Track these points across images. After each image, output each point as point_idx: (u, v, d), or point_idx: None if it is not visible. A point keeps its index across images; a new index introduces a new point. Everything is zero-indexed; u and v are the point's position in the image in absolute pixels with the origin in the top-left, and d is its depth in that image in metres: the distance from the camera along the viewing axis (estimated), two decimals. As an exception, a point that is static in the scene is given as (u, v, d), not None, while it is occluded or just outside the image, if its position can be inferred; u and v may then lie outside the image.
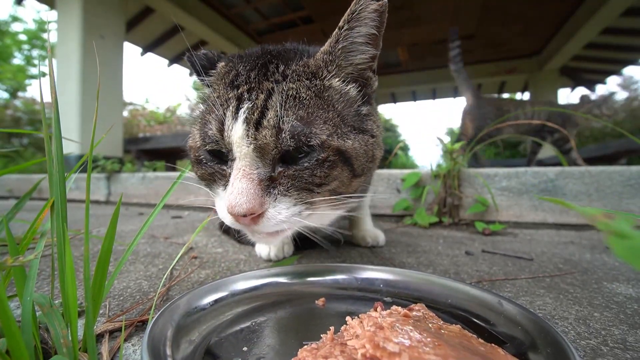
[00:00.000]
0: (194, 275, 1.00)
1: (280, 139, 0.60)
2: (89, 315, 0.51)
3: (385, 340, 0.42)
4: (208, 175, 0.71)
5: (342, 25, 0.68)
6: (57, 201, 0.58)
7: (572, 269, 1.08)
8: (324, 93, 0.69)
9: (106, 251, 0.56)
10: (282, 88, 0.64)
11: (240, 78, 0.68)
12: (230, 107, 0.64)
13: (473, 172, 2.10)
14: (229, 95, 0.66)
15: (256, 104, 0.63)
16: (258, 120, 0.62)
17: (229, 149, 0.64)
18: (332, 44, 0.71)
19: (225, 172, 0.67)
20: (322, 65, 0.71)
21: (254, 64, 0.71)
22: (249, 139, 0.61)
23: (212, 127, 0.65)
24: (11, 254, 0.55)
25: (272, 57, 0.72)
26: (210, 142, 0.65)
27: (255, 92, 0.65)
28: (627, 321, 0.69)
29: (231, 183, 0.61)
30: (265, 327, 0.63)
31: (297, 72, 0.69)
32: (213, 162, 0.69)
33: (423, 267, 1.08)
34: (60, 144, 0.62)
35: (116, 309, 0.76)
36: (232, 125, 0.62)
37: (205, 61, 0.75)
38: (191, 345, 0.54)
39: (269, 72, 0.68)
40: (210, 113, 0.67)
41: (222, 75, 0.74)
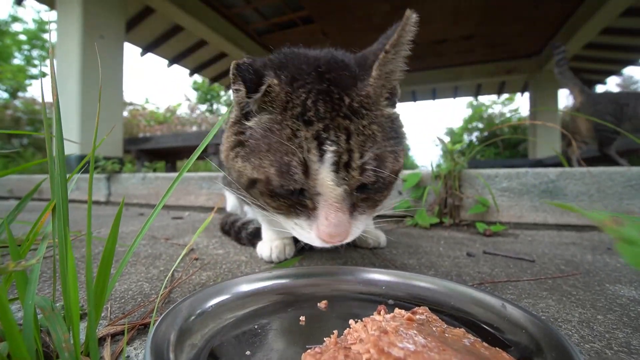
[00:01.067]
0: (195, 277, 0.99)
1: (364, 177, 0.66)
2: (91, 319, 0.51)
3: (390, 345, 0.42)
4: (286, 208, 0.72)
5: (389, 50, 0.68)
6: (59, 204, 0.58)
7: (574, 270, 1.08)
8: (383, 122, 0.72)
9: (108, 254, 0.56)
10: (358, 127, 0.67)
11: (310, 111, 0.66)
12: (312, 149, 0.64)
13: (474, 173, 2.09)
14: (305, 133, 0.65)
15: (340, 146, 0.64)
16: (347, 163, 0.65)
17: (312, 186, 0.66)
18: (380, 68, 0.70)
19: (306, 204, 0.70)
20: (378, 92, 0.72)
21: (316, 92, 0.68)
22: (340, 181, 0.65)
23: (296, 171, 0.64)
24: (13, 258, 0.54)
25: (329, 82, 0.70)
26: (295, 184, 0.66)
27: (333, 132, 0.65)
28: (631, 324, 0.68)
29: (324, 216, 0.67)
30: (268, 330, 0.63)
31: (363, 106, 0.69)
32: (292, 195, 0.69)
33: (425, 269, 1.08)
34: (62, 147, 0.61)
35: (117, 311, 0.75)
36: (318, 169, 0.65)
37: (253, 75, 0.69)
38: (194, 350, 0.54)
39: (336, 104, 0.67)
40: (286, 153, 0.65)
41: (282, 102, 0.68)
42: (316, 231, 0.68)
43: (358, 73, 0.73)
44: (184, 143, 5.60)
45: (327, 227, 0.66)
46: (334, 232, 0.66)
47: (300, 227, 0.73)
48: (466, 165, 2.14)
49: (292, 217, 0.73)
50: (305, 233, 0.72)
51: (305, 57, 0.78)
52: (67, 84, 4.54)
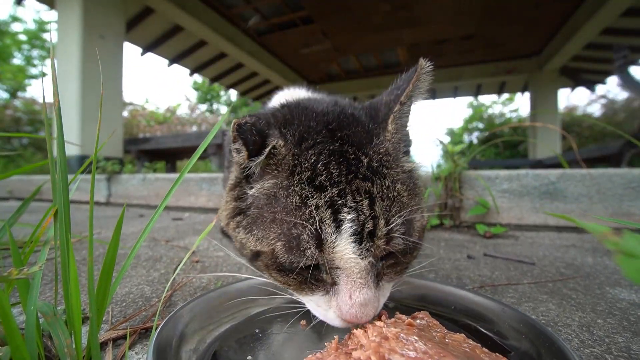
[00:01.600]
0: (196, 280, 0.99)
1: (391, 245, 0.57)
2: (93, 324, 0.51)
3: (391, 352, 0.42)
4: (297, 284, 0.60)
5: (405, 101, 0.64)
6: (61, 209, 0.58)
7: (574, 273, 1.08)
8: (406, 179, 0.65)
9: (110, 259, 0.56)
10: (381, 189, 0.59)
11: (322, 175, 0.58)
12: (325, 219, 0.55)
13: (474, 174, 2.10)
14: (317, 200, 0.56)
15: (361, 213, 0.55)
16: (371, 232, 0.55)
17: (330, 261, 0.56)
18: (397, 122, 0.66)
19: (322, 278, 0.59)
20: (397, 148, 0.66)
21: (327, 152, 0.60)
22: (363, 252, 0.55)
23: (307, 245, 0.54)
24: (15, 265, 0.54)
25: (342, 141, 0.62)
26: (307, 260, 0.55)
27: (351, 197, 0.56)
28: (631, 328, 0.69)
29: (347, 294, 0.56)
30: (269, 334, 0.63)
31: (384, 165, 0.62)
32: (304, 271, 0.58)
33: (425, 272, 1.08)
34: (63, 151, 0.61)
35: (119, 315, 0.76)
36: (335, 240, 0.54)
37: (256, 136, 0.59)
38: (196, 354, 0.54)
39: (352, 165, 0.59)
40: (294, 225, 0.56)
41: (289, 166, 0.60)
42: (337, 311, 0.57)
43: (372, 127, 0.66)
44: (184, 143, 5.61)
45: (352, 308, 0.55)
46: (360, 314, 0.55)
47: (317, 304, 0.61)
48: (466, 167, 2.14)
49: (304, 293, 0.61)
50: (322, 310, 0.60)
51: (312, 111, 0.69)
52: (67, 84, 4.54)
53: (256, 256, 0.63)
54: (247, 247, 0.64)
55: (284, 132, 0.63)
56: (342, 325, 0.58)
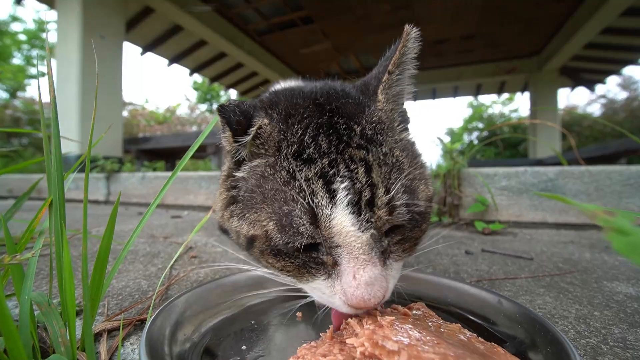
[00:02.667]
0: (193, 274, 0.99)
1: (394, 216, 0.53)
2: (87, 314, 0.51)
3: (384, 339, 0.42)
4: (295, 269, 0.56)
5: (393, 70, 0.62)
6: (56, 199, 0.58)
7: (572, 268, 1.08)
8: (406, 147, 0.62)
9: (105, 249, 0.56)
10: (378, 156, 0.55)
11: (310, 147, 0.55)
12: (317, 191, 0.51)
13: (473, 172, 2.10)
14: (305, 173, 0.53)
15: (356, 180, 0.52)
16: (370, 201, 0.51)
17: (327, 238, 0.52)
18: (387, 91, 0.64)
19: (321, 260, 0.54)
20: (390, 117, 0.64)
21: (315, 125, 0.58)
22: (364, 224, 0.51)
23: (300, 222, 0.51)
24: (9, 252, 0.54)
25: (332, 113, 0.60)
26: (302, 238, 0.51)
27: (344, 165, 0.53)
28: (627, 320, 0.69)
29: (350, 274, 0.51)
30: (265, 325, 0.63)
31: (378, 132, 0.59)
32: (298, 251, 0.54)
33: (422, 266, 1.08)
34: (59, 142, 0.61)
35: (115, 308, 0.75)
36: (331, 213, 0.50)
37: (240, 116, 0.57)
38: (190, 344, 0.54)
39: (343, 134, 0.57)
40: (284, 201, 0.53)
41: (274, 142, 0.58)
42: (342, 296, 0.51)
43: (362, 100, 0.64)
44: (184, 143, 5.61)
45: (358, 289, 0.50)
46: (367, 295, 0.49)
47: (321, 291, 0.56)
48: (466, 165, 2.14)
49: (305, 279, 0.56)
50: (327, 297, 0.55)
51: (300, 91, 0.67)
52: (66, 83, 4.54)
53: (251, 242, 0.60)
54: (241, 235, 0.61)
55: (270, 113, 0.61)
56: (350, 311, 0.53)
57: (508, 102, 17.98)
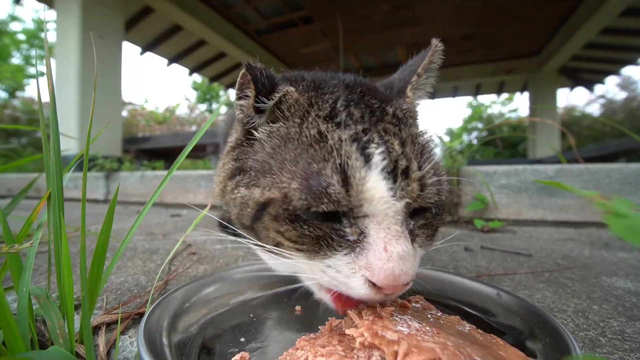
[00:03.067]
0: (192, 270, 0.99)
1: (425, 193, 0.50)
2: (85, 306, 0.51)
3: (384, 329, 0.42)
4: (312, 241, 0.50)
5: (422, 73, 0.65)
6: (54, 192, 0.58)
7: (571, 264, 1.08)
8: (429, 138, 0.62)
9: (103, 241, 0.56)
10: (411, 135, 0.54)
11: (341, 114, 0.53)
12: (351, 153, 0.48)
13: (472, 170, 2.10)
14: (339, 134, 0.49)
15: (393, 149, 0.49)
16: (405, 170, 0.49)
17: (354, 206, 0.47)
18: (414, 91, 0.66)
19: (344, 234, 0.49)
20: (416, 116, 0.65)
21: (346, 98, 0.56)
22: (399, 192, 0.47)
23: (331, 181, 0.46)
24: (7, 243, 0.54)
25: (362, 92, 0.60)
26: (329, 202, 0.46)
27: (378, 135, 0.51)
28: (626, 313, 0.69)
29: (380, 245, 0.46)
30: (264, 319, 0.63)
31: (407, 117, 0.59)
32: (319, 219, 0.49)
33: (421, 262, 1.08)
34: (57, 137, 0.61)
35: (114, 302, 0.75)
36: (365, 175, 0.47)
37: (265, 78, 0.55)
38: (188, 336, 0.54)
39: (375, 110, 0.56)
40: (312, 159, 0.49)
41: (302, 107, 0.55)
42: (368, 271, 0.46)
43: (389, 93, 0.65)
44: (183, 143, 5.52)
45: (389, 262, 0.44)
46: (398, 270, 0.44)
47: (336, 270, 0.49)
48: (465, 163, 2.14)
49: (320, 256, 0.50)
50: (343, 278, 0.48)
51: (325, 74, 0.68)
52: (66, 83, 4.54)
53: (262, 210, 0.53)
54: (249, 203, 0.55)
55: (295, 85, 0.59)
56: (369, 295, 0.47)
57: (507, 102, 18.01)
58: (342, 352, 0.43)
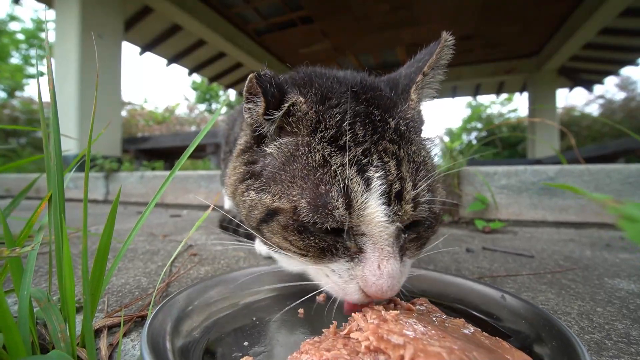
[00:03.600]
0: (194, 271, 0.99)
1: (418, 211, 0.54)
2: (87, 308, 0.50)
3: (389, 333, 0.42)
4: (317, 250, 0.55)
5: (428, 72, 0.63)
6: (55, 193, 0.58)
7: (573, 265, 1.07)
8: (430, 148, 0.65)
9: (105, 243, 0.55)
10: (408, 153, 0.57)
11: (347, 134, 0.55)
12: (353, 177, 0.52)
13: (473, 170, 2.09)
14: (341, 159, 0.53)
15: (390, 173, 0.53)
16: (399, 193, 0.53)
17: (354, 225, 0.53)
18: (419, 92, 0.65)
19: (345, 246, 0.55)
20: (418, 117, 0.65)
21: (353, 113, 0.58)
22: (392, 216, 0.52)
23: (336, 204, 0.51)
24: (8, 246, 0.54)
25: (368, 103, 0.61)
26: (333, 221, 0.52)
27: (377, 157, 0.54)
28: (630, 316, 0.68)
29: (375, 263, 0.52)
30: (267, 322, 0.62)
31: (410, 130, 0.60)
32: (323, 233, 0.54)
33: (423, 264, 1.07)
34: (58, 137, 0.61)
35: (115, 305, 0.75)
36: (365, 200, 0.51)
37: (275, 88, 0.56)
38: (191, 340, 0.53)
39: (378, 125, 0.57)
40: (320, 181, 0.53)
41: (311, 122, 0.57)
42: (362, 282, 0.52)
43: (394, 95, 0.65)
44: (183, 143, 5.59)
45: (380, 279, 0.51)
46: (386, 287, 0.51)
47: (338, 274, 0.55)
48: (465, 163, 2.14)
49: (325, 261, 0.56)
50: (342, 283, 0.55)
51: (332, 75, 0.68)
52: (65, 83, 4.52)
53: (272, 215, 0.58)
54: (257, 207, 0.59)
55: (304, 92, 0.60)
56: (361, 299, 0.54)
57: (507, 102, 18.03)
58: (347, 356, 0.42)
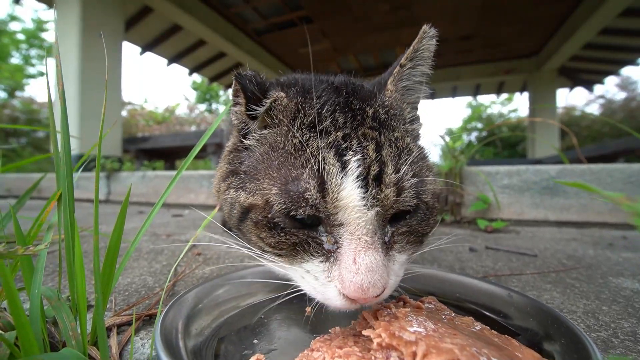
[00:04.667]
0: (199, 271, 0.99)
1: (402, 198, 0.51)
2: (98, 305, 0.51)
3: (401, 330, 0.42)
4: (290, 247, 0.52)
5: (405, 63, 0.63)
6: (65, 192, 0.58)
7: (576, 264, 1.08)
8: (415, 137, 0.64)
9: (116, 241, 0.56)
10: (389, 139, 0.55)
11: (325, 121, 0.54)
12: (329, 159, 0.49)
13: (474, 170, 2.10)
14: (318, 142, 0.51)
15: (368, 156, 0.51)
16: (378, 176, 0.50)
17: (331, 213, 0.49)
18: (396, 83, 0.65)
19: (320, 241, 0.51)
20: (400, 106, 0.64)
21: (333, 102, 0.57)
22: (370, 200, 0.48)
23: (307, 187, 0.48)
24: (19, 244, 0.54)
25: (347, 94, 0.61)
26: (306, 206, 0.48)
27: (357, 141, 0.52)
28: (636, 314, 0.69)
29: (350, 257, 0.47)
30: (275, 320, 0.63)
31: (390, 117, 0.59)
32: (296, 228, 0.51)
33: (427, 263, 1.08)
34: (67, 135, 0.61)
35: (122, 303, 0.75)
36: (340, 182, 0.48)
37: (256, 85, 0.56)
38: (202, 338, 0.54)
39: (357, 113, 0.57)
40: (292, 166, 0.51)
41: (290, 112, 0.57)
42: (339, 283, 0.48)
43: (375, 90, 0.66)
44: (183, 142, 5.60)
45: (357, 275, 0.46)
46: (366, 283, 0.45)
47: (314, 276, 0.52)
48: (465, 163, 2.14)
49: (298, 260, 0.52)
50: (320, 286, 0.51)
51: (316, 77, 0.68)
52: (65, 83, 4.48)
53: (245, 213, 0.57)
54: (236, 205, 0.58)
55: (287, 90, 0.60)
56: (345, 305, 0.49)
57: (507, 102, 18.05)
58: (360, 353, 0.42)
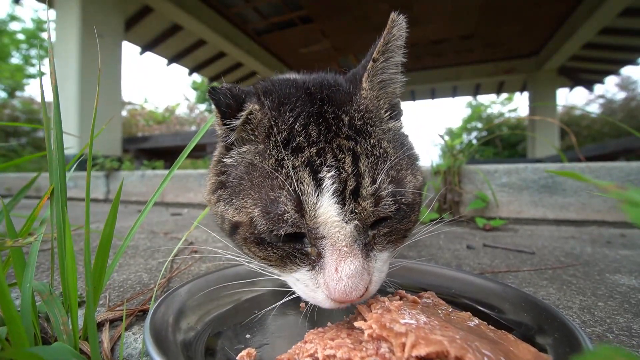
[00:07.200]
0: (195, 268, 0.99)
1: (381, 207, 0.52)
2: (89, 301, 0.50)
3: (392, 321, 0.42)
4: (278, 259, 0.56)
5: (377, 58, 0.61)
6: (57, 187, 0.58)
7: (574, 261, 1.08)
8: (392, 136, 0.62)
9: (107, 235, 0.56)
10: (366, 147, 0.55)
11: (299, 136, 0.55)
12: (304, 179, 0.51)
13: (473, 168, 2.10)
14: (293, 161, 0.52)
15: (344, 170, 0.52)
16: (355, 191, 0.51)
17: (311, 228, 0.51)
18: (371, 79, 0.62)
19: (306, 252, 0.54)
20: (377, 105, 0.63)
21: (306, 114, 0.57)
22: (348, 215, 0.50)
23: (286, 209, 0.50)
24: (10, 237, 0.54)
25: (322, 102, 0.60)
26: (287, 225, 0.51)
27: (331, 154, 0.53)
28: (632, 310, 0.68)
29: (332, 266, 0.51)
30: (268, 315, 0.63)
31: (366, 122, 0.59)
32: (283, 242, 0.54)
33: (424, 261, 1.07)
34: (61, 132, 0.61)
35: (116, 299, 0.75)
36: (316, 201, 0.50)
37: (230, 99, 0.56)
38: (193, 332, 0.54)
39: (332, 125, 0.56)
40: (271, 187, 0.53)
41: (265, 129, 0.57)
42: (326, 289, 0.51)
43: (351, 89, 0.64)
44: (183, 142, 5.57)
45: (339, 283, 0.49)
46: (349, 288, 0.49)
47: (304, 283, 0.55)
48: (464, 162, 2.14)
49: (288, 270, 0.56)
50: (310, 291, 0.55)
51: (294, 81, 0.68)
52: (65, 82, 4.52)
53: (235, 229, 0.59)
54: (226, 220, 0.61)
55: (262, 100, 0.60)
56: (334, 306, 0.53)
57: (507, 102, 18.04)
58: (351, 345, 0.42)
